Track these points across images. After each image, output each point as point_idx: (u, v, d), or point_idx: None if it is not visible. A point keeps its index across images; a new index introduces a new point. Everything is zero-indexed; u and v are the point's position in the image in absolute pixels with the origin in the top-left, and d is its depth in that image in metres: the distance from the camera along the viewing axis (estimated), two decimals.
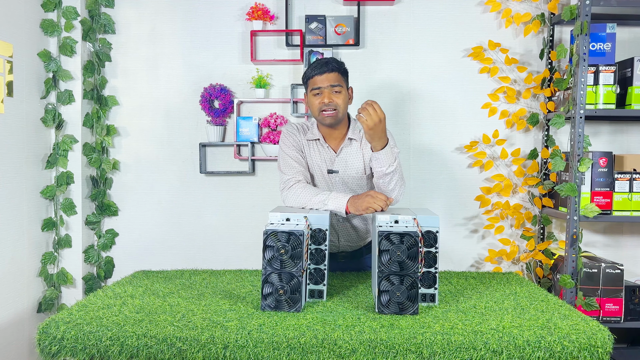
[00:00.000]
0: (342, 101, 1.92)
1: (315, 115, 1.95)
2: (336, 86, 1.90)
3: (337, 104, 1.90)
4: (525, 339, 1.31)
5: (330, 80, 1.89)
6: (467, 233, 2.80)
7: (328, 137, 2.01)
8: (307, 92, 1.97)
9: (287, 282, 1.49)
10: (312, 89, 1.92)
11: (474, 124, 2.76)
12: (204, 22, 2.79)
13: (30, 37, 2.55)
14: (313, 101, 1.92)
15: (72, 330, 1.36)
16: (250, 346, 1.31)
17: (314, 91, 1.91)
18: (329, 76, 1.89)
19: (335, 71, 1.91)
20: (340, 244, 2.08)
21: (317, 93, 1.91)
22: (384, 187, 1.86)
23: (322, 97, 1.90)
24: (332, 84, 1.89)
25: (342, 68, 1.95)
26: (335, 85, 1.90)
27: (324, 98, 1.89)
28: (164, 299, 1.64)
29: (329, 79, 1.89)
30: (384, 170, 1.82)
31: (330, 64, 1.91)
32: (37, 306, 2.62)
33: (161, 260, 2.81)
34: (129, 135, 2.84)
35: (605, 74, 2.38)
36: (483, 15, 2.74)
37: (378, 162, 1.82)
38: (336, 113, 1.91)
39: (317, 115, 1.93)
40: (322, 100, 1.89)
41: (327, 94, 1.89)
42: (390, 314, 1.48)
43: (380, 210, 1.73)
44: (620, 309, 2.40)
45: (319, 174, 2.00)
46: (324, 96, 1.89)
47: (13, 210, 2.45)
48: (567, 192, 2.34)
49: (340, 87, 1.91)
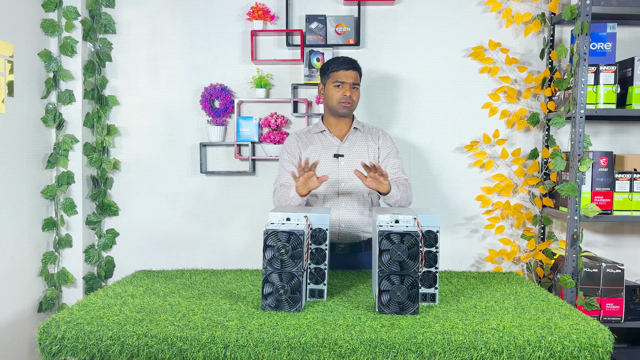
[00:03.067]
0: (357, 98, 2.19)
1: (332, 104, 2.17)
2: (356, 84, 2.16)
3: (354, 99, 2.17)
4: (525, 339, 1.31)
5: (353, 78, 2.15)
6: (467, 233, 2.80)
7: (333, 128, 2.23)
8: (326, 82, 2.18)
9: (287, 281, 1.49)
10: (335, 80, 2.14)
11: (475, 123, 2.76)
12: (205, 22, 2.79)
13: (31, 37, 2.55)
14: (333, 92, 2.15)
15: (73, 330, 1.36)
16: (251, 346, 1.31)
17: (336, 83, 2.14)
18: (353, 74, 2.15)
19: (357, 70, 2.18)
20: (340, 230, 2.14)
21: (339, 85, 2.14)
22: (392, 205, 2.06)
23: (344, 90, 2.14)
24: (354, 81, 2.15)
25: (361, 70, 2.21)
26: (356, 84, 2.16)
27: (346, 91, 2.13)
28: (165, 299, 1.64)
29: (352, 76, 2.15)
30: (389, 202, 2.04)
31: (355, 63, 2.17)
32: (38, 306, 2.63)
33: (162, 260, 2.81)
34: (129, 135, 2.84)
35: (606, 73, 2.38)
36: (483, 15, 2.74)
37: (390, 200, 2.03)
38: (351, 106, 2.16)
39: (335, 104, 2.15)
40: (344, 93, 2.13)
41: (348, 88, 2.14)
42: (391, 314, 1.48)
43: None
44: (621, 309, 2.40)
45: (325, 160, 2.16)
46: (346, 90, 2.14)
47: (14, 210, 2.45)
48: (568, 192, 2.34)
49: (357, 85, 2.18)
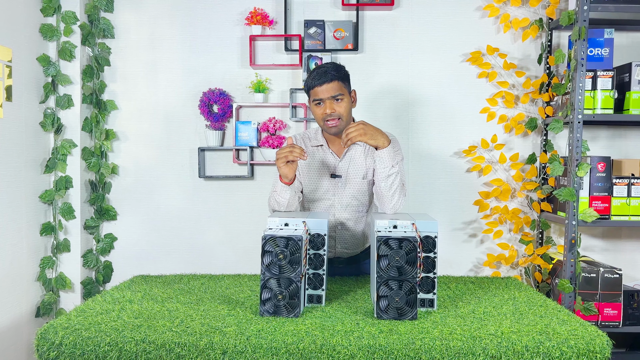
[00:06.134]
0: (345, 109, 1.90)
1: (319, 124, 1.96)
2: (337, 96, 1.88)
3: (340, 113, 1.89)
4: (523, 345, 1.31)
5: (330, 91, 1.87)
6: (465, 237, 2.81)
7: (332, 142, 2.02)
8: (309, 101, 1.96)
9: (285, 287, 1.49)
10: (313, 99, 1.91)
11: (473, 128, 2.76)
12: (203, 26, 2.80)
13: (30, 42, 2.55)
14: (316, 111, 1.92)
15: (71, 336, 1.35)
16: (249, 352, 1.31)
17: (315, 101, 1.91)
18: (329, 86, 1.87)
19: (335, 80, 1.88)
20: (337, 250, 2.07)
21: (319, 103, 1.90)
22: (385, 192, 1.84)
23: (324, 108, 1.89)
24: (332, 94, 1.87)
25: (342, 73, 1.91)
26: (336, 95, 1.88)
27: (326, 109, 1.88)
28: (163, 304, 1.63)
29: (329, 89, 1.87)
30: (386, 171, 1.80)
31: (329, 74, 1.87)
32: (36, 311, 2.62)
33: (160, 265, 2.81)
34: (127, 139, 2.84)
35: (603, 79, 2.39)
36: (481, 20, 2.75)
37: (381, 162, 1.80)
38: (340, 122, 1.90)
39: (322, 124, 1.94)
40: (324, 111, 1.89)
41: (328, 104, 1.88)
42: (389, 319, 1.48)
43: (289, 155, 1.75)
44: (619, 314, 2.40)
45: (323, 178, 2.01)
46: (326, 107, 1.88)
47: (12, 215, 2.44)
48: (566, 197, 2.34)
49: (342, 95, 1.89)
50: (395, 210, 1.87)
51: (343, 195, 1.99)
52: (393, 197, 1.85)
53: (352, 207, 2.00)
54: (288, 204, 1.88)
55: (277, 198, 1.88)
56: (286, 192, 1.86)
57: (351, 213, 2.01)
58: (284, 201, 1.88)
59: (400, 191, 1.86)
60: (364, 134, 1.75)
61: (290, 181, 1.84)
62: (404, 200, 1.89)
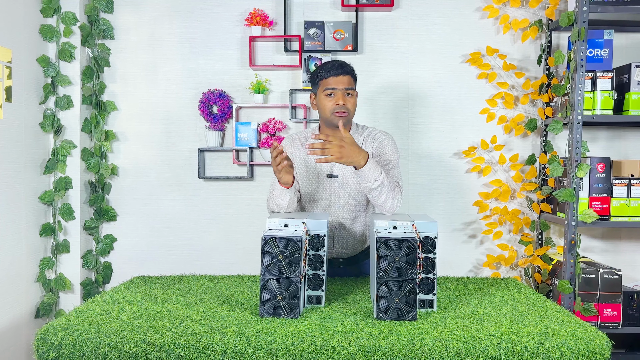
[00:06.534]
0: (353, 105, 1.94)
1: (326, 116, 1.94)
2: (349, 89, 1.92)
3: (349, 108, 1.92)
4: (523, 345, 1.31)
5: (344, 83, 1.91)
6: (465, 238, 2.81)
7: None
8: (317, 92, 1.96)
9: (285, 288, 1.49)
10: (325, 89, 1.91)
11: (472, 129, 2.76)
12: (203, 27, 2.80)
13: (29, 43, 2.55)
14: (325, 102, 1.92)
15: (70, 337, 1.35)
16: (249, 352, 1.31)
17: (327, 91, 1.91)
18: (344, 79, 1.91)
19: (349, 75, 1.93)
20: (336, 251, 2.07)
21: (330, 94, 1.91)
22: (375, 202, 1.84)
23: (336, 99, 1.90)
24: (346, 87, 1.91)
25: (354, 73, 1.97)
26: (349, 89, 1.92)
27: (339, 100, 1.89)
28: (162, 305, 1.63)
29: (344, 81, 1.91)
30: (369, 186, 1.78)
31: (345, 67, 1.92)
32: (35, 311, 2.62)
33: (159, 266, 2.81)
34: (127, 140, 2.84)
35: (603, 80, 2.39)
36: (481, 21, 2.75)
37: (364, 179, 1.78)
38: (348, 115, 1.92)
39: (329, 115, 1.92)
40: (336, 102, 1.89)
41: (341, 95, 1.90)
42: (389, 320, 1.48)
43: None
44: (619, 315, 2.40)
45: (319, 178, 2.01)
46: (338, 98, 1.90)
47: (11, 216, 2.44)
48: (565, 198, 2.35)
49: (353, 90, 1.94)
50: (393, 211, 1.86)
51: (340, 195, 2.00)
52: (386, 202, 1.83)
53: (349, 206, 2.01)
54: (288, 205, 1.91)
55: (277, 201, 1.91)
56: (286, 195, 1.88)
57: (348, 212, 2.02)
58: (284, 203, 1.90)
59: (392, 195, 1.83)
60: (339, 157, 1.71)
61: (290, 185, 1.87)
62: (401, 198, 1.88)
